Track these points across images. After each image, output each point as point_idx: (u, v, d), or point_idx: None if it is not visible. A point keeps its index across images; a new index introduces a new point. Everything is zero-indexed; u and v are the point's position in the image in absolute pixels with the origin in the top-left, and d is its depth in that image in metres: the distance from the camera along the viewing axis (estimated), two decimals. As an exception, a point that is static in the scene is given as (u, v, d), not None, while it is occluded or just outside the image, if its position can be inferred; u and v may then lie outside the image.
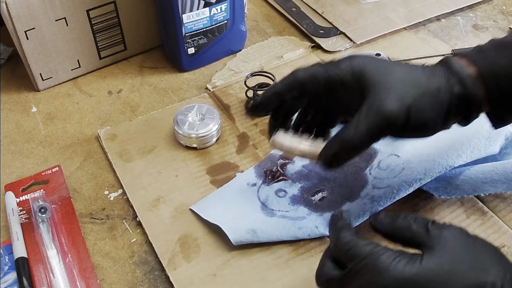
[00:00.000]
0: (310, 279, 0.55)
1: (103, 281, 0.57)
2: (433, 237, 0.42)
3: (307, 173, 0.65)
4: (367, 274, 0.42)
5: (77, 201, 0.64)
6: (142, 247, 0.60)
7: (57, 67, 0.78)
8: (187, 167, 0.67)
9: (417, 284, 0.40)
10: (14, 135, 0.73)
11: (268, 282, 0.55)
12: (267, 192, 0.63)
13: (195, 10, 0.75)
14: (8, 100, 0.78)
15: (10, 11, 0.69)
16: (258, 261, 0.57)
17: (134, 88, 0.80)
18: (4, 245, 0.59)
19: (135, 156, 0.68)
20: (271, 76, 0.74)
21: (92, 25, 0.77)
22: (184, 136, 0.68)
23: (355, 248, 0.44)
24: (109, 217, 0.62)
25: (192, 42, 0.78)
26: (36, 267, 0.57)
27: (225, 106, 0.75)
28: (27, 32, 0.72)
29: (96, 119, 0.75)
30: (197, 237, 0.59)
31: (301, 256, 0.57)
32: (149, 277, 0.57)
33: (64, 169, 0.67)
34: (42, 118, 0.75)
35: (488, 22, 0.89)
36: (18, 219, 0.61)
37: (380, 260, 0.42)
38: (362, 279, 0.42)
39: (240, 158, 0.68)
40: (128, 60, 0.84)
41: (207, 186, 0.65)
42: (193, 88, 0.79)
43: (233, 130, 0.72)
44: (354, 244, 0.44)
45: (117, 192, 0.65)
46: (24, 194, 0.64)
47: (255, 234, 0.57)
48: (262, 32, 0.89)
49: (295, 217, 0.60)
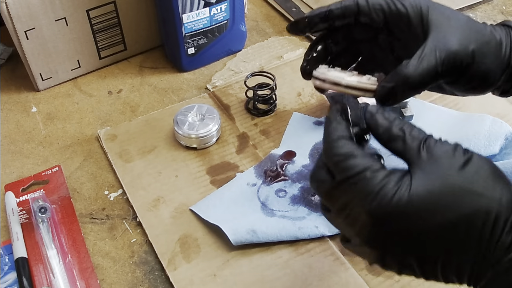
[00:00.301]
0: (310, 279, 0.55)
1: (103, 281, 0.57)
2: (423, 158, 0.39)
3: (307, 173, 0.65)
4: (355, 194, 0.39)
5: (77, 201, 0.64)
6: (142, 247, 0.60)
7: (57, 67, 0.78)
8: (187, 167, 0.67)
9: (403, 215, 0.37)
10: (14, 135, 0.73)
11: (268, 282, 0.55)
12: (267, 192, 0.63)
13: (195, 10, 0.75)
14: (8, 100, 0.78)
15: (10, 11, 0.69)
16: (258, 261, 0.57)
17: (134, 88, 0.80)
18: (4, 245, 0.59)
19: (135, 156, 0.68)
20: (271, 76, 0.74)
21: (92, 25, 0.77)
22: (184, 136, 0.68)
23: (346, 161, 0.40)
24: (109, 217, 0.62)
25: (192, 42, 0.78)
26: (36, 267, 0.57)
27: (225, 106, 0.75)
28: (27, 32, 0.72)
29: (96, 119, 0.75)
30: (197, 237, 0.59)
31: (301, 256, 0.57)
32: (149, 277, 0.57)
33: (64, 169, 0.67)
34: (42, 118, 0.75)
35: (488, 22, 0.89)
36: (18, 219, 0.61)
37: (371, 182, 0.38)
38: (349, 197, 0.39)
39: (240, 158, 0.68)
40: (128, 60, 0.84)
41: (207, 186, 0.65)
42: (193, 88, 0.79)
43: (233, 130, 0.72)
44: (347, 155, 0.40)
45: (117, 192, 0.65)
46: (24, 194, 0.64)
47: (255, 234, 0.57)
48: (262, 32, 0.89)
49: (295, 217, 0.60)
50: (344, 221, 0.41)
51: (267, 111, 0.74)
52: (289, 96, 0.76)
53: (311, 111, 0.74)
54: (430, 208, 0.37)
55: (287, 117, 0.73)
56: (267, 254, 0.58)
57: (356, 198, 0.39)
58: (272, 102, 0.74)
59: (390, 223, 0.38)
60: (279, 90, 0.75)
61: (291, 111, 0.74)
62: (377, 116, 0.42)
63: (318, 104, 0.75)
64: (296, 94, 0.77)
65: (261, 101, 0.74)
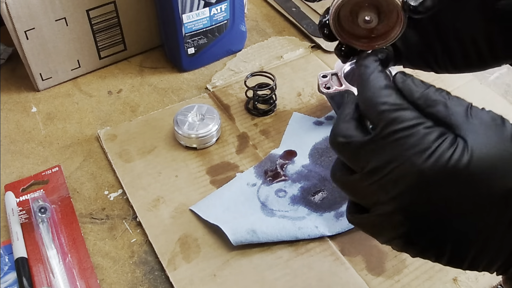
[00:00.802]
0: (310, 279, 0.55)
1: (103, 281, 0.57)
2: (474, 122, 0.35)
3: (307, 173, 0.65)
4: (404, 149, 0.34)
5: (77, 201, 0.64)
6: (142, 247, 0.60)
7: (57, 67, 0.78)
8: (187, 167, 0.67)
9: (460, 179, 0.33)
10: (14, 135, 0.73)
11: (268, 282, 0.55)
12: (267, 192, 0.63)
13: (195, 10, 0.75)
14: (8, 100, 0.78)
15: (10, 11, 0.69)
16: (258, 261, 0.57)
17: (134, 88, 0.80)
18: (4, 245, 0.59)
19: (135, 156, 0.68)
20: (271, 76, 0.74)
21: (92, 25, 0.77)
22: (184, 136, 0.68)
23: (397, 112, 0.35)
24: (109, 217, 0.62)
25: (192, 42, 0.78)
26: (36, 267, 0.57)
27: (225, 106, 0.75)
28: (27, 32, 0.72)
29: (96, 119, 0.75)
30: (197, 237, 0.59)
31: (301, 256, 0.57)
32: (149, 277, 0.57)
33: (64, 169, 0.67)
34: (42, 118, 0.75)
35: None
36: (18, 219, 0.61)
37: (427, 139, 0.34)
38: (394, 153, 0.34)
39: (240, 158, 0.68)
40: (128, 60, 0.84)
41: (207, 186, 0.65)
42: (193, 88, 0.79)
43: (233, 130, 0.72)
44: (397, 105, 0.35)
45: (117, 192, 0.65)
46: (24, 194, 0.64)
47: (255, 234, 0.57)
48: (262, 32, 0.89)
49: (295, 217, 0.60)
50: (376, 183, 0.35)
51: (267, 111, 0.74)
52: (289, 96, 0.76)
53: (311, 111, 0.74)
54: (491, 175, 0.33)
55: (287, 117, 0.73)
56: (267, 254, 0.58)
57: (405, 155, 0.34)
58: (272, 102, 0.74)
59: (441, 187, 0.33)
60: (279, 90, 0.75)
61: (291, 111, 0.74)
62: (409, 81, 0.37)
63: (318, 104, 0.75)
64: (296, 94, 0.77)
65: (261, 101, 0.74)
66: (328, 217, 0.60)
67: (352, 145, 0.36)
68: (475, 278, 0.55)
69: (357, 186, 0.37)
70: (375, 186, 0.35)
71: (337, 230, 0.58)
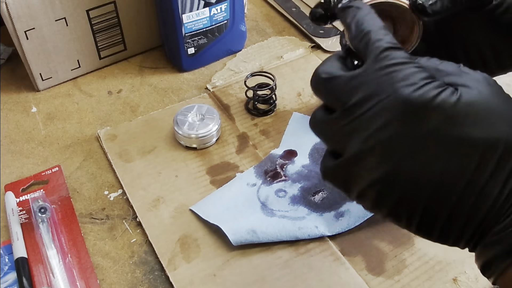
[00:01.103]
0: (310, 279, 0.55)
1: (103, 281, 0.57)
2: (466, 76, 0.35)
3: (307, 173, 0.65)
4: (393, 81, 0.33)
5: (77, 201, 0.64)
6: (142, 247, 0.60)
7: (57, 67, 0.78)
8: (187, 167, 0.67)
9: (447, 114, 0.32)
10: (14, 135, 0.73)
11: (268, 282, 0.55)
12: (267, 192, 0.63)
13: (195, 10, 0.75)
14: (8, 100, 0.78)
15: (10, 11, 0.69)
16: (258, 261, 0.57)
17: (134, 88, 0.80)
18: (4, 245, 0.59)
19: (135, 156, 0.68)
20: (271, 76, 0.74)
21: (92, 25, 0.77)
22: (184, 136, 0.68)
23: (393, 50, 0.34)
24: (109, 217, 0.62)
25: (192, 42, 0.78)
26: (36, 267, 0.57)
27: (225, 106, 0.75)
28: (27, 32, 0.72)
29: (96, 119, 0.75)
30: (197, 238, 0.59)
31: (301, 256, 0.57)
32: (149, 277, 0.57)
33: (64, 169, 0.67)
34: (42, 118, 0.75)
35: None
36: (18, 219, 0.61)
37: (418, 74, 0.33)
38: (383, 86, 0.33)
39: (240, 158, 0.68)
40: (128, 60, 0.84)
41: (207, 186, 0.65)
42: (193, 88, 0.79)
43: (233, 130, 0.72)
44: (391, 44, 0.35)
45: (117, 192, 0.65)
46: (24, 194, 0.64)
47: (255, 234, 0.57)
48: (262, 32, 0.89)
49: (295, 217, 0.60)
50: (357, 120, 0.34)
51: (267, 111, 0.74)
52: (289, 96, 0.76)
53: (311, 111, 0.73)
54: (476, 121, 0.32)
55: (287, 117, 0.73)
56: (267, 254, 0.58)
57: (393, 87, 0.33)
58: (272, 102, 0.74)
59: (425, 119, 0.32)
60: (279, 90, 0.75)
61: (291, 111, 0.74)
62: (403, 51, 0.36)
63: (318, 104, 0.75)
64: (296, 94, 0.77)
65: (261, 101, 0.74)
66: (328, 217, 0.60)
67: (337, 79, 0.36)
68: (475, 278, 0.55)
69: (334, 126, 0.36)
70: (356, 123, 0.34)
71: (337, 230, 0.58)
